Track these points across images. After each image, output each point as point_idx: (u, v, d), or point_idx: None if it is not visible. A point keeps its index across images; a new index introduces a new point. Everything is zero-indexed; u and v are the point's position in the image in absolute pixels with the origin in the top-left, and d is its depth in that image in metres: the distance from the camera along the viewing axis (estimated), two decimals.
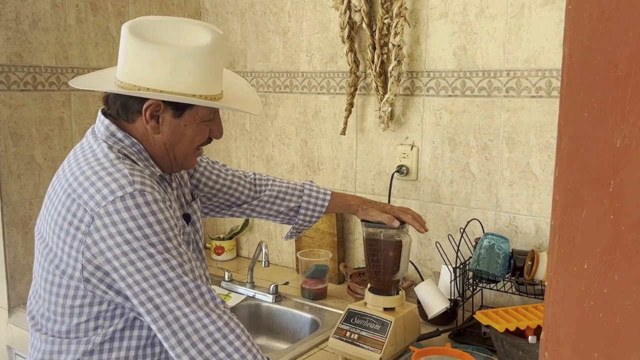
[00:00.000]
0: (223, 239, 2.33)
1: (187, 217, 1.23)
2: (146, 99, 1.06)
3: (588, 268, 0.56)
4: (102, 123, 1.11)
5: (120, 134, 1.09)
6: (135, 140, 1.10)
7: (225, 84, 1.15)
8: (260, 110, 1.24)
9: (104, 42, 2.00)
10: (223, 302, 1.05)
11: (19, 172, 1.81)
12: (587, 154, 0.56)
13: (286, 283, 1.95)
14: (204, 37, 1.06)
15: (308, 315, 1.81)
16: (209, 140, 1.17)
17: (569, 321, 0.59)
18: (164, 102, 1.06)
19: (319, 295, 1.90)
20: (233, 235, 2.35)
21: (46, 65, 1.85)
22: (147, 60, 1.03)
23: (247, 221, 2.33)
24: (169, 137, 1.10)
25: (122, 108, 1.09)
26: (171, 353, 1.00)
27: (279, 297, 1.90)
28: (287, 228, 2.21)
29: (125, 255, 0.98)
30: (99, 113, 1.14)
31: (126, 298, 1.04)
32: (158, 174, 1.12)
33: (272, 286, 1.90)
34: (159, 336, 1.01)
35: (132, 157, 1.08)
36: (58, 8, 1.86)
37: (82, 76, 1.18)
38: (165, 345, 1.00)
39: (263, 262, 1.86)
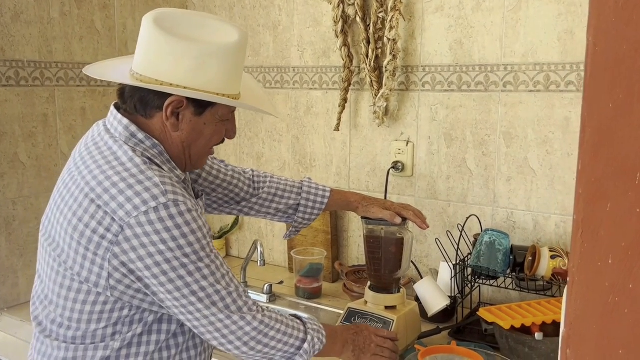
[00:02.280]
0: (213, 238, 2.28)
1: None
2: (168, 95, 1.01)
3: (613, 263, 0.54)
4: (120, 122, 1.04)
5: (141, 135, 1.03)
6: (156, 142, 1.04)
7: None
8: (279, 112, 1.20)
9: (88, 35, 1.94)
10: (255, 303, 1.08)
11: (2, 171, 1.74)
12: (612, 146, 0.55)
13: (281, 282, 1.92)
14: (232, 34, 1.03)
15: (304, 315, 1.77)
16: (222, 141, 1.13)
17: (592, 318, 0.57)
18: (187, 98, 1.02)
19: (314, 294, 1.87)
20: (223, 234, 2.30)
21: (29, 59, 1.78)
22: (171, 55, 0.98)
23: (237, 220, 2.29)
24: (188, 135, 1.06)
25: (140, 103, 1.03)
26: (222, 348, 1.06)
27: (273, 297, 1.86)
28: (279, 226, 2.19)
29: (157, 265, 0.95)
30: (113, 109, 1.07)
31: (152, 303, 1.03)
32: (182, 177, 1.09)
33: (266, 286, 1.86)
34: (204, 337, 1.05)
35: (156, 160, 1.03)
36: (41, 0, 1.79)
37: (95, 65, 1.12)
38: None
39: (258, 262, 1.81)
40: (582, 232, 0.55)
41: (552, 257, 1.46)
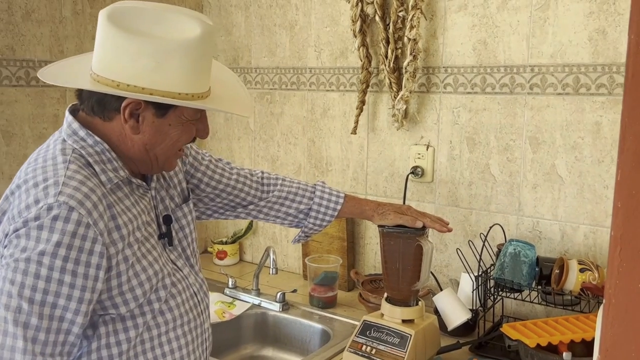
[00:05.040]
0: (226, 243, 2.23)
1: (167, 219, 1.10)
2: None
3: None
4: (65, 119, 1.00)
5: (82, 132, 0.97)
6: (98, 139, 0.97)
7: (213, 78, 1.03)
8: (251, 112, 1.10)
9: None
10: None
11: (11, 173, 1.70)
12: None
13: (294, 291, 1.85)
14: (193, 28, 0.94)
15: (318, 326, 1.70)
16: (193, 140, 1.06)
17: (632, 344, 0.52)
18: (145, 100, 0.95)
19: (329, 304, 1.80)
20: (236, 239, 2.24)
21: (40, 59, 1.74)
22: (127, 53, 0.91)
23: (250, 224, 2.23)
24: (151, 137, 0.98)
25: (98, 105, 0.97)
26: None
27: (286, 306, 1.80)
28: (294, 231, 2.12)
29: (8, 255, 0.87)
30: (67, 110, 1.02)
31: None
32: (116, 180, 0.98)
33: (279, 294, 1.80)
34: None
35: (89, 158, 0.96)
36: None
37: (54, 65, 1.04)
38: None
39: (271, 269, 1.75)
40: (621, 250, 0.51)
41: (581, 271, 1.38)
